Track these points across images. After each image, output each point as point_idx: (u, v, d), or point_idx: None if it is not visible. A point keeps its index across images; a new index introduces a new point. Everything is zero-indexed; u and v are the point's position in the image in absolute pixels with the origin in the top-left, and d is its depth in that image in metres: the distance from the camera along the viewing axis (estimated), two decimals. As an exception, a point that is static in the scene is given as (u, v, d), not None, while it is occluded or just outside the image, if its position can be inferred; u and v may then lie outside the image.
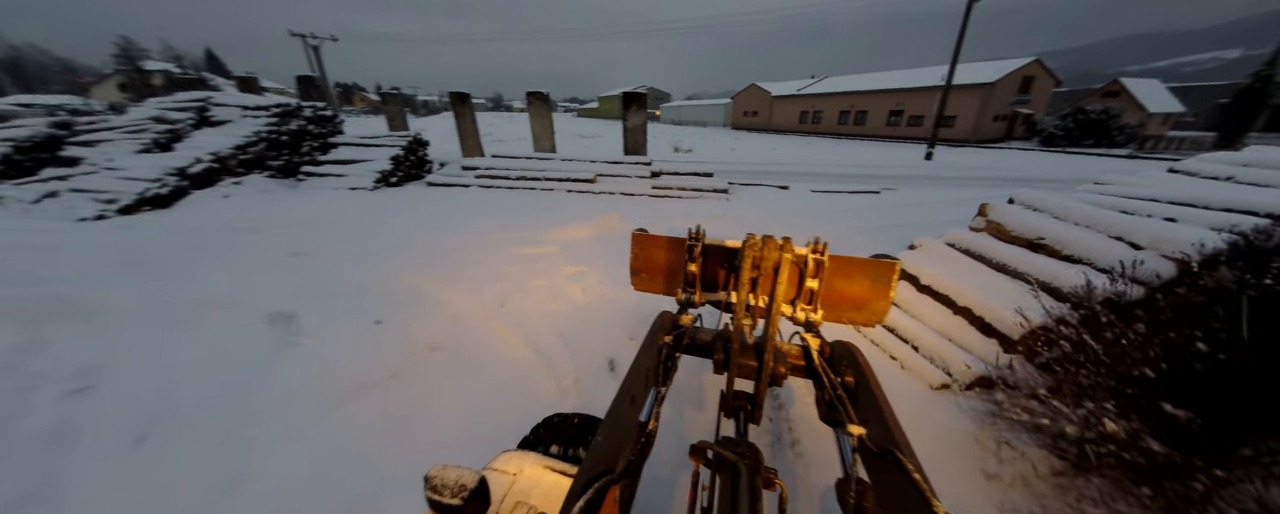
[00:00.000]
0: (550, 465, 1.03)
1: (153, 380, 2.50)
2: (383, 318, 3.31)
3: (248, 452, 2.02)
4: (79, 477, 1.88)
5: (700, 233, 1.70)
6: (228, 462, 1.96)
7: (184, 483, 1.85)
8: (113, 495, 1.80)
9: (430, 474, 0.72)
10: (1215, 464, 1.26)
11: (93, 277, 3.98)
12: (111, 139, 7.69)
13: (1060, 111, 21.57)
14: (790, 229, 5.80)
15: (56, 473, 1.89)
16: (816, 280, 1.49)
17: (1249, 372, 1.32)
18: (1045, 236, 2.96)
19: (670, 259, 1.81)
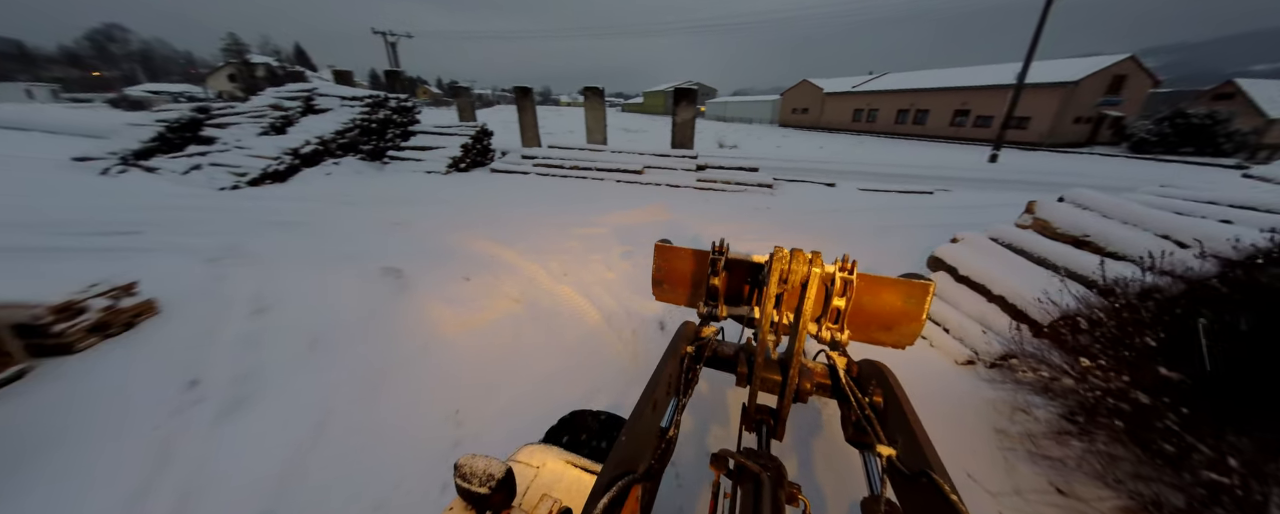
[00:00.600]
0: (572, 461, 1.01)
1: (310, 307, 3.24)
2: (470, 276, 3.94)
3: (389, 359, 2.65)
4: (275, 368, 2.58)
5: (724, 246, 1.70)
6: (377, 360, 2.60)
7: (347, 376, 2.49)
8: (299, 381, 2.47)
9: (460, 463, 0.74)
10: (1188, 409, 1.51)
11: (247, 232, 4.95)
12: (239, 122, 9.08)
13: (1157, 115, 19.39)
14: (832, 224, 5.96)
15: (261, 363, 2.61)
16: (844, 299, 1.44)
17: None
18: (1090, 234, 3.06)
19: (693, 271, 1.78)
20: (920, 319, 1.53)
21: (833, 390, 1.26)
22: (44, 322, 2.53)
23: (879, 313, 1.53)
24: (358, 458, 1.95)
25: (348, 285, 3.67)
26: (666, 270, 1.87)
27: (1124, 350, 1.75)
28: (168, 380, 2.38)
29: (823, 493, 1.64)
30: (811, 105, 40.61)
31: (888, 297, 1.54)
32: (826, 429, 1.82)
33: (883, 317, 1.54)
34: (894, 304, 1.54)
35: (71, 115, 16.60)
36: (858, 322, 1.53)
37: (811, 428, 1.84)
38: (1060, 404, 1.94)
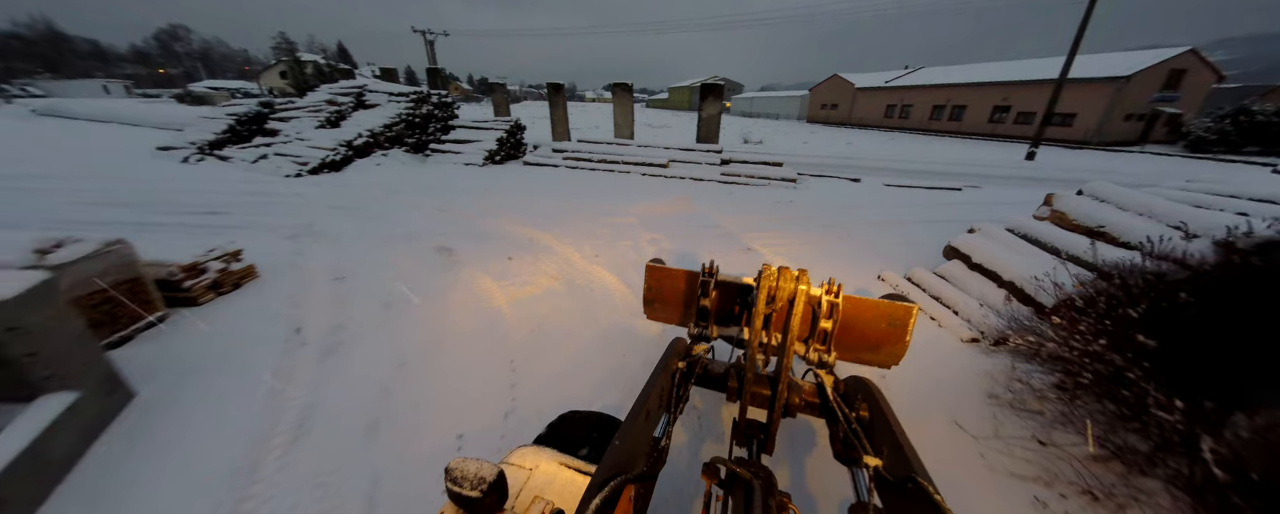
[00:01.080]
0: (565, 462, 1.00)
1: (379, 276, 3.72)
2: (512, 256, 4.36)
3: (450, 319, 3.08)
4: (359, 322, 3.04)
5: (713, 268, 1.75)
6: (440, 323, 3.03)
7: (418, 331, 2.93)
8: (380, 332, 2.91)
9: (451, 466, 0.73)
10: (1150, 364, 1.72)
11: (315, 215, 5.55)
12: (298, 117, 9.89)
13: (1219, 112, 18.09)
14: (853, 219, 6.10)
15: (346, 316, 3.08)
16: (831, 321, 1.48)
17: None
18: (1106, 225, 3.18)
19: (684, 291, 1.81)
20: (904, 341, 1.58)
21: (821, 409, 1.30)
22: (177, 278, 3.09)
23: (865, 334, 1.57)
24: (437, 389, 2.36)
25: (407, 260, 4.15)
26: (658, 290, 1.91)
27: (1106, 321, 1.96)
28: (277, 328, 2.88)
29: (813, 502, 1.62)
30: (841, 101, 39.66)
31: (873, 319, 1.57)
32: (817, 445, 1.79)
33: (869, 338, 1.58)
34: (879, 326, 1.58)
35: (146, 109, 18.20)
36: (845, 342, 1.58)
37: (803, 444, 1.80)
38: (1048, 369, 2.15)
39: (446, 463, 0.74)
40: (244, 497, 1.72)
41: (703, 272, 1.76)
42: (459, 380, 2.45)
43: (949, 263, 3.69)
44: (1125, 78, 19.13)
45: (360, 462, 1.91)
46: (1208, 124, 17.73)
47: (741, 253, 4.62)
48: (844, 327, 1.58)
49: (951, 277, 3.52)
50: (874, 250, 4.75)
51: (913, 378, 2.53)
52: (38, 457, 1.70)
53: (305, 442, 2.00)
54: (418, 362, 2.60)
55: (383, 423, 2.13)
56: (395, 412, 2.20)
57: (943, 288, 3.42)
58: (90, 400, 1.98)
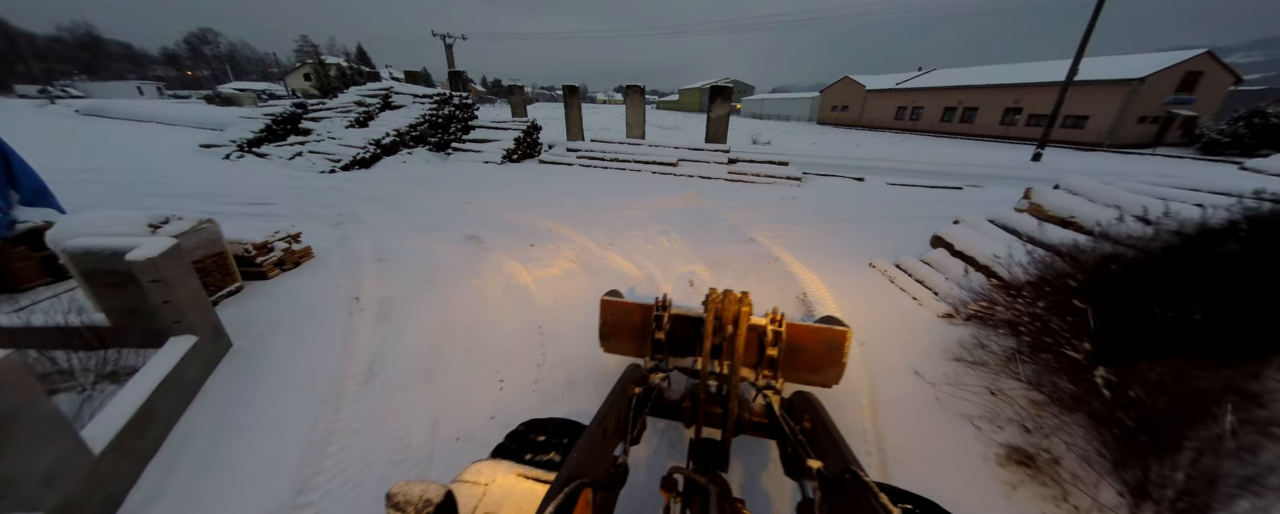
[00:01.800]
0: (524, 473, 0.98)
1: (418, 258, 4.18)
2: (534, 243, 4.79)
3: (485, 292, 3.51)
4: (407, 294, 3.49)
5: (666, 301, 1.80)
6: (477, 295, 3.46)
7: (460, 304, 3.36)
8: (425, 301, 3.35)
9: (392, 491, 0.70)
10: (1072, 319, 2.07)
11: (353, 206, 6.06)
12: (329, 117, 10.50)
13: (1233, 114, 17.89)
14: (852, 215, 6.42)
15: (394, 290, 3.53)
16: (776, 349, 1.61)
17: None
18: (1076, 215, 3.49)
19: (639, 324, 1.85)
20: (842, 362, 1.74)
21: (770, 429, 1.37)
22: (251, 255, 3.57)
23: (808, 358, 1.71)
24: (479, 345, 2.79)
25: (441, 245, 4.61)
26: (613, 324, 1.94)
27: (1047, 287, 2.31)
28: (338, 297, 3.34)
29: (768, 508, 1.68)
30: (852, 103, 39.65)
31: (814, 344, 1.72)
32: (770, 461, 1.84)
33: (811, 361, 1.72)
34: (820, 350, 1.73)
35: (180, 109, 19.15)
36: (790, 366, 1.70)
37: (757, 461, 1.85)
38: (1004, 334, 2.51)
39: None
40: (336, 412, 2.16)
41: (656, 305, 1.80)
42: (496, 339, 2.88)
43: (935, 251, 4.02)
44: (1139, 80, 19.01)
45: (423, 395, 2.34)
46: (1221, 127, 17.55)
47: (745, 244, 4.99)
48: (789, 352, 1.72)
49: (935, 262, 3.86)
50: (869, 242, 5.08)
51: (891, 345, 2.89)
52: (177, 380, 2.16)
53: (377, 381, 2.44)
54: (460, 325, 3.04)
55: (437, 369, 2.56)
56: (447, 361, 2.63)
57: (926, 272, 3.76)
58: (205, 344, 2.44)
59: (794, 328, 1.75)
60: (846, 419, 2.19)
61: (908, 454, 1.98)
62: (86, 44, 67.65)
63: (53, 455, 1.48)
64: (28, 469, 1.40)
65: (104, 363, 2.32)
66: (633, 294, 2.51)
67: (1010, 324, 2.40)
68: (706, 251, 4.67)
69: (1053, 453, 1.87)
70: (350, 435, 2.08)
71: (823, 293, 3.68)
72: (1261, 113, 16.43)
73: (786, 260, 4.45)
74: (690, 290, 3.81)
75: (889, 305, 3.45)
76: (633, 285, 3.83)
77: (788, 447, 1.23)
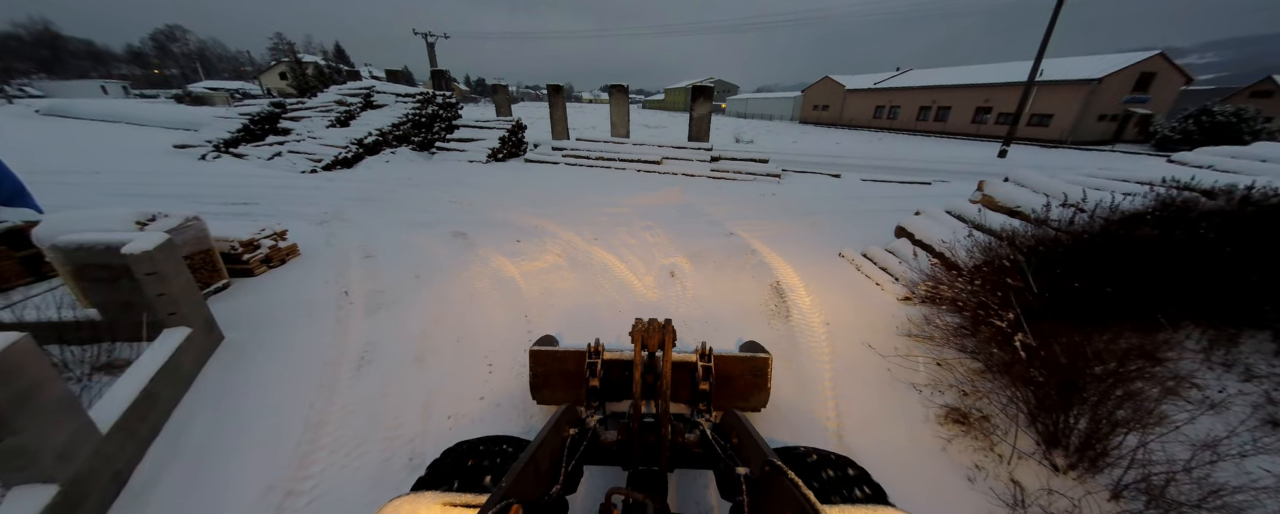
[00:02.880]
0: (452, 501, 0.92)
1: (406, 255, 4.28)
2: (520, 239, 4.92)
3: (473, 285, 3.64)
4: (396, 289, 3.60)
5: (599, 346, 1.80)
6: (466, 287, 3.59)
7: (450, 296, 3.49)
8: (414, 294, 3.47)
9: None
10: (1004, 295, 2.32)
11: (338, 204, 6.08)
12: (309, 116, 10.38)
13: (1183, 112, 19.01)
14: (827, 208, 6.71)
15: (383, 284, 3.63)
16: (707, 383, 1.70)
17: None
18: (1021, 205, 3.80)
19: (572, 371, 1.83)
20: (767, 388, 1.84)
21: (707, 458, 1.40)
22: (237, 252, 3.63)
23: (737, 387, 1.82)
24: (468, 333, 2.93)
25: (428, 242, 4.71)
26: (545, 375, 1.89)
27: (984, 268, 2.57)
28: (327, 291, 3.43)
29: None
30: (832, 102, 40.53)
31: (742, 373, 1.82)
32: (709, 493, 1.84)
33: (740, 389, 1.82)
34: (746, 377, 1.82)
35: (150, 109, 18.53)
36: (721, 396, 1.79)
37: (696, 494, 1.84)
38: (950, 312, 2.76)
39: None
40: (331, 397, 2.28)
41: (589, 351, 1.80)
42: (485, 327, 3.02)
43: (898, 241, 4.30)
44: (1097, 80, 20.02)
45: (415, 379, 2.47)
46: (1173, 124, 18.64)
47: (725, 238, 5.21)
48: (719, 382, 1.81)
49: (897, 251, 4.13)
50: (840, 233, 5.36)
51: (852, 325, 3.13)
52: (173, 370, 2.25)
53: (370, 368, 2.56)
54: (449, 315, 3.16)
55: (428, 356, 2.69)
56: (437, 348, 2.77)
57: (888, 260, 4.03)
58: (198, 336, 2.53)
59: (721, 360, 1.84)
60: (809, 391, 2.41)
61: (861, 419, 2.21)
62: (44, 41, 64.42)
63: (66, 432, 1.58)
64: (44, 443, 1.50)
65: (98, 356, 2.38)
66: (563, 340, 2.51)
67: (953, 301, 2.65)
68: (688, 244, 4.87)
69: (984, 412, 2.12)
70: (346, 416, 2.20)
71: (795, 281, 3.92)
72: (1208, 111, 17.55)
73: (763, 252, 4.68)
74: (670, 281, 4.00)
75: (853, 290, 3.70)
76: (615, 275, 4.00)
77: (721, 465, 1.25)
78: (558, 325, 3.07)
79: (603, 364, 1.78)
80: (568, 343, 2.19)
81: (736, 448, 1.30)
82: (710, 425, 1.48)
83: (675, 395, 1.83)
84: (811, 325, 3.11)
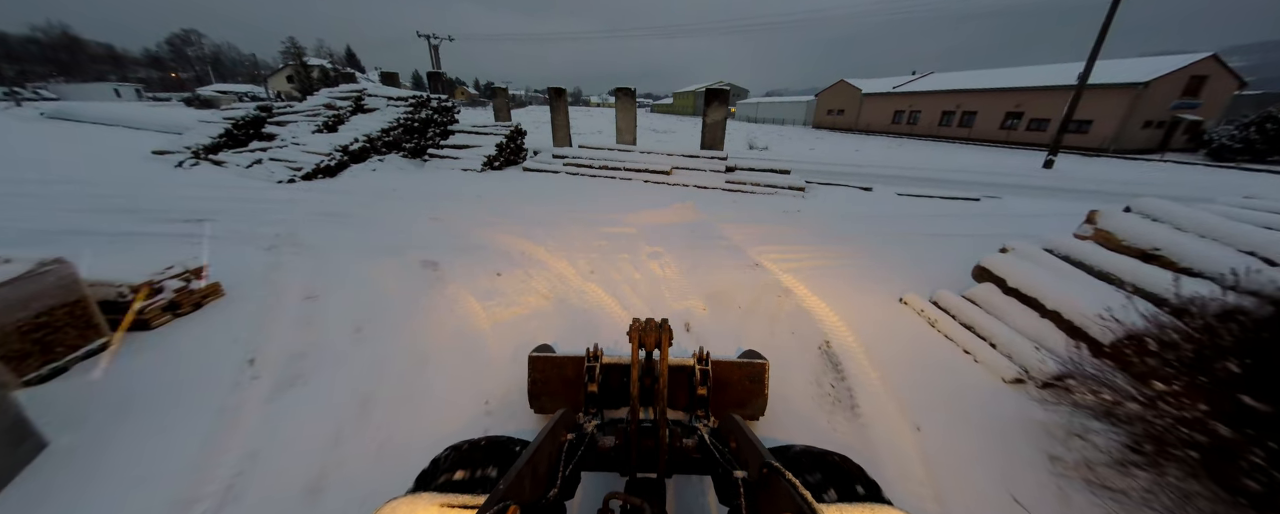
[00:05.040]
0: (449, 502, 0.91)
1: (356, 295, 3.43)
2: (501, 271, 4.05)
3: (426, 347, 2.77)
4: (325, 347, 2.74)
5: (598, 351, 1.80)
6: (416, 349, 2.72)
7: (392, 363, 2.62)
8: (345, 361, 2.61)
9: None
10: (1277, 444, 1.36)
11: (301, 223, 5.30)
12: (295, 121, 9.72)
13: (1242, 119, 17.48)
14: (865, 231, 5.74)
15: (310, 344, 2.78)
16: (705, 388, 1.70)
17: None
18: (1161, 247, 2.82)
19: (571, 377, 1.83)
20: (764, 394, 1.81)
21: (705, 463, 1.38)
22: (127, 300, 2.80)
23: (735, 393, 1.78)
24: (401, 431, 2.05)
25: (389, 276, 3.86)
26: (543, 382, 1.87)
27: (1200, 376, 1.60)
28: (231, 357, 2.58)
29: None
30: (848, 107, 39.30)
31: (739, 379, 1.79)
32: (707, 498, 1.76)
33: (738, 396, 1.79)
34: (744, 384, 1.80)
35: (151, 112, 18.27)
36: (719, 402, 1.75)
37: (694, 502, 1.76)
38: (1124, 431, 1.79)
39: None
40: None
41: (588, 356, 1.77)
42: (424, 425, 2.14)
43: (980, 286, 3.33)
44: (1144, 84, 18.62)
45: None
46: (1232, 132, 17.12)
47: (749, 270, 4.28)
48: (716, 388, 1.77)
49: (985, 302, 3.16)
50: (891, 266, 4.39)
51: (949, 428, 2.18)
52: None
53: (233, 509, 1.69)
54: (383, 397, 2.29)
55: (332, 479, 1.81)
56: (349, 463, 1.89)
57: (975, 315, 3.06)
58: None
59: (719, 365, 1.82)
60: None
61: None
62: (63, 45, 65.96)
63: None
64: None
65: None
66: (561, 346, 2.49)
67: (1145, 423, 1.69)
68: (704, 280, 3.96)
69: None
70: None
71: (850, 342, 2.97)
72: (1273, 117, 16.01)
73: (799, 293, 3.74)
74: (685, 336, 3.09)
75: (937, 362, 2.74)
76: (613, 328, 3.10)
77: (719, 469, 1.24)
78: (531, 418, 2.18)
79: (601, 369, 1.74)
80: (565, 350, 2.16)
81: (734, 452, 1.26)
82: (708, 430, 1.45)
83: (674, 401, 1.83)
84: (895, 432, 2.16)
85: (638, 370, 1.36)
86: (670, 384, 1.74)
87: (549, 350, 2.22)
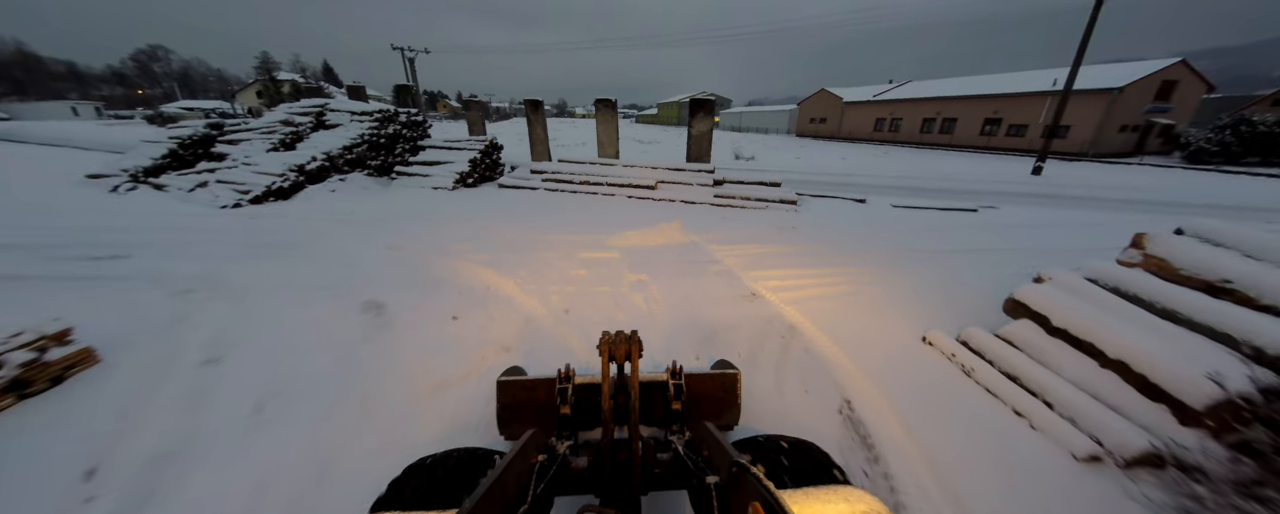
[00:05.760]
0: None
1: (271, 355, 2.79)
2: (459, 314, 3.45)
3: (340, 432, 2.15)
4: (207, 439, 2.11)
5: (570, 371, 1.71)
6: (325, 439, 2.10)
7: (286, 459, 2.00)
8: (227, 463, 1.98)
9: None
10: None
11: (231, 256, 4.61)
12: (249, 139, 9.00)
13: (1211, 122, 17.87)
14: (867, 249, 5.29)
15: (190, 435, 2.14)
16: (679, 402, 1.63)
17: None
18: (1233, 280, 2.37)
19: (543, 400, 1.76)
20: (737, 405, 1.80)
21: (679, 478, 1.33)
22: (-56, 382, 2.13)
23: (709, 406, 1.75)
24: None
25: (322, 325, 3.22)
26: (514, 407, 1.79)
27: None
28: (65, 469, 1.92)
29: None
30: (830, 115, 39.75)
31: (713, 391, 1.78)
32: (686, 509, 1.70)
33: (712, 407, 1.76)
34: (717, 395, 1.78)
35: (104, 132, 17.22)
36: (693, 415, 1.68)
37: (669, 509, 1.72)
38: None
39: None
40: None
41: (559, 377, 1.72)
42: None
43: (1017, 324, 2.85)
44: (1119, 89, 18.99)
45: None
46: (1208, 135, 17.47)
47: (746, 302, 3.76)
48: (690, 401, 1.71)
49: (1026, 345, 2.68)
50: (903, 295, 3.92)
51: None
52: None
53: None
54: None
55: None
56: None
57: (1018, 362, 2.57)
58: None
59: (692, 378, 1.78)
60: None
61: None
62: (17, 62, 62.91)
63: None
64: None
65: None
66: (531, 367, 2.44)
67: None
68: (698, 317, 3.42)
69: None
70: None
71: (877, 402, 2.45)
72: (1248, 120, 16.37)
73: (806, 332, 3.23)
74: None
75: (987, 430, 2.23)
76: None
77: (693, 481, 1.20)
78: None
79: (574, 390, 1.68)
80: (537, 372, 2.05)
81: (707, 460, 1.24)
82: (682, 444, 1.41)
83: (648, 417, 1.78)
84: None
85: (609, 386, 1.33)
86: (645, 401, 1.70)
87: (520, 372, 2.14)
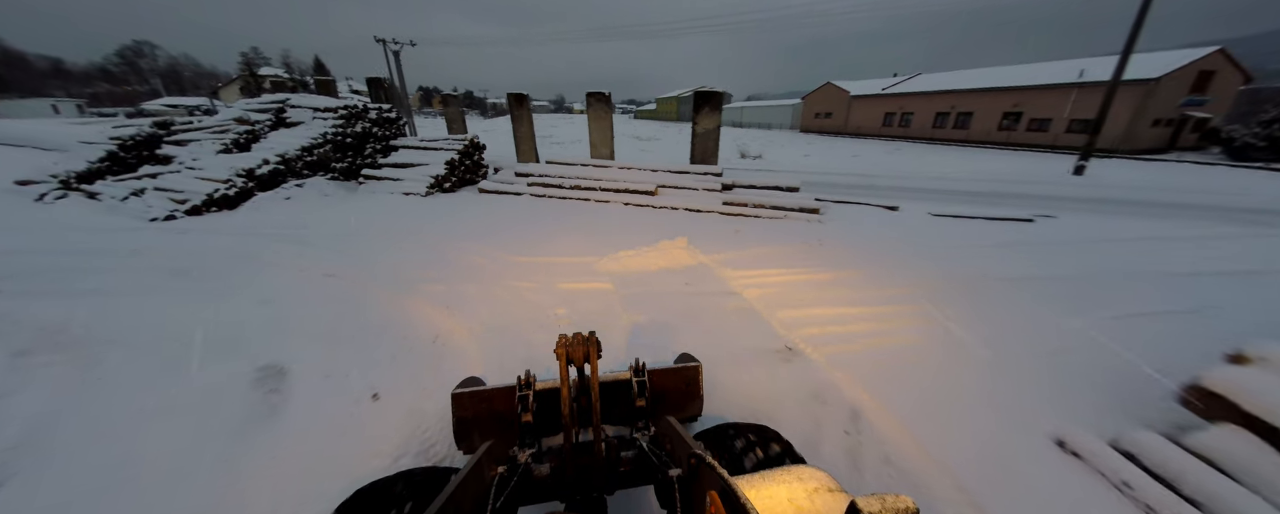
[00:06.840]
0: None
1: (86, 475, 1.82)
2: (384, 388, 2.48)
3: None
4: None
5: (531, 378, 1.61)
6: None
7: None
8: None
9: None
10: None
11: (124, 290, 3.64)
12: (199, 139, 8.01)
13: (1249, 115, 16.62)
14: (923, 277, 4.26)
15: None
16: (643, 400, 1.63)
17: None
18: None
19: (503, 409, 1.67)
20: (700, 395, 1.90)
21: (645, 474, 1.32)
22: None
23: (673, 399, 1.83)
24: None
25: (185, 411, 2.26)
26: (471, 420, 1.70)
27: None
28: None
29: None
30: (836, 109, 38.42)
31: (676, 385, 1.86)
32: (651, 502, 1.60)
33: (675, 400, 1.84)
34: (680, 388, 1.87)
35: (73, 131, 16.25)
36: (658, 410, 1.69)
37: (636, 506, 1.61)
38: None
39: None
40: None
41: (519, 384, 1.58)
42: None
43: (1217, 430, 1.85)
44: (1154, 80, 17.75)
45: None
46: (1254, 130, 16.22)
47: (782, 361, 2.79)
48: (655, 396, 1.71)
49: (1241, 470, 1.68)
50: (992, 353, 2.92)
51: None
52: None
53: None
54: None
55: None
56: None
57: (1236, 500, 1.57)
58: None
59: (655, 374, 1.78)
60: None
61: None
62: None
63: None
64: None
65: None
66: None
67: None
68: (715, 387, 2.43)
69: None
70: None
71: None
72: (1300, 113, 15.05)
73: (875, 420, 2.25)
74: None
75: None
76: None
77: (658, 475, 1.19)
78: None
79: (536, 396, 1.58)
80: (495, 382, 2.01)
81: (670, 454, 1.25)
82: (647, 440, 1.37)
83: (612, 415, 1.72)
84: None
85: (569, 390, 1.29)
86: (608, 400, 1.67)
87: (478, 382, 2.05)
